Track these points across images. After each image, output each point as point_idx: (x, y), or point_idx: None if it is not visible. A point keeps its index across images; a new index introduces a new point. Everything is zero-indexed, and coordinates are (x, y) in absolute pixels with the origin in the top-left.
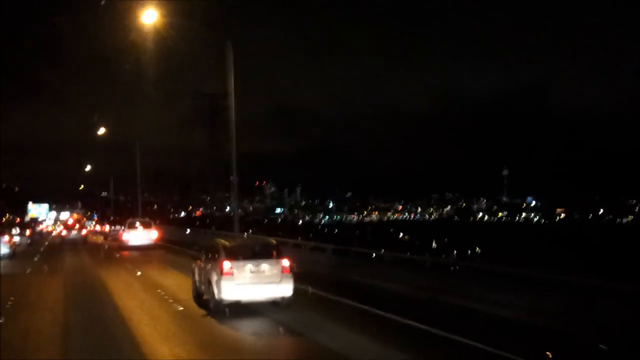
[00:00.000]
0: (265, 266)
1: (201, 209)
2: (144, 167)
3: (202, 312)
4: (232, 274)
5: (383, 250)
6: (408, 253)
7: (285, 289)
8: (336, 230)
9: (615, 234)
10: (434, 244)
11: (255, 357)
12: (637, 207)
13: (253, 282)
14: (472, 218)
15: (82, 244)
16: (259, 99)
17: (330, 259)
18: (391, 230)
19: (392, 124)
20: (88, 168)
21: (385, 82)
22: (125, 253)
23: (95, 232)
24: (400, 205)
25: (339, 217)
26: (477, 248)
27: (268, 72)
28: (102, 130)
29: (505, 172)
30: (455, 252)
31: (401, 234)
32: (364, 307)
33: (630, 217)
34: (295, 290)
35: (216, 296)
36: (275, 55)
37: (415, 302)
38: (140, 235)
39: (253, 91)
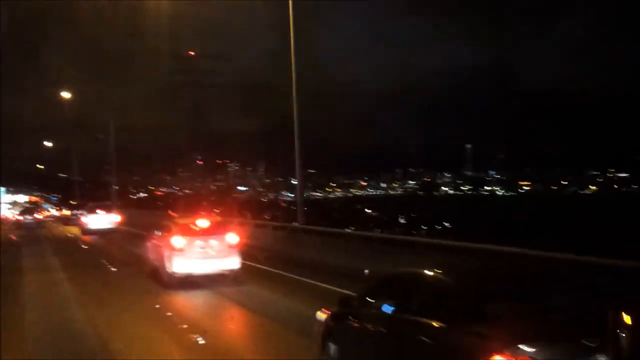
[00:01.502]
0: (213, 242)
1: (165, 189)
2: (109, 147)
3: (157, 285)
4: (183, 249)
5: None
6: (378, 230)
7: (232, 263)
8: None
9: (574, 205)
10: (402, 220)
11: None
12: (599, 178)
13: (202, 256)
14: (436, 192)
15: (38, 229)
16: (222, 75)
17: (277, 235)
18: (358, 207)
19: (355, 100)
20: (49, 146)
21: (351, 58)
22: (86, 237)
23: (53, 217)
24: (364, 181)
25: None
26: (446, 223)
27: (229, 48)
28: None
29: (468, 146)
30: (424, 227)
31: (369, 210)
32: (293, 276)
33: (594, 188)
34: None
35: (169, 270)
36: (237, 28)
37: (340, 270)
38: (101, 220)
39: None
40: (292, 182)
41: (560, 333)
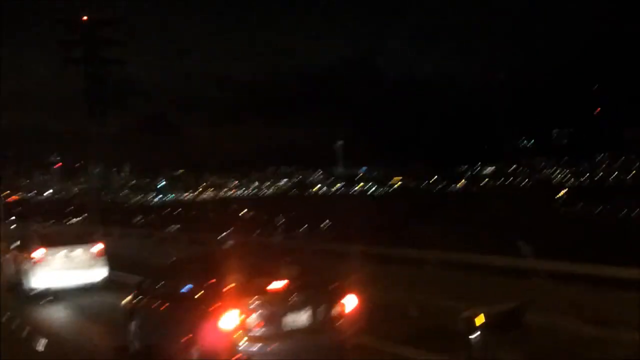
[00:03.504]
0: (78, 252)
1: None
2: None
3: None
4: (44, 260)
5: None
6: (258, 231)
7: (99, 273)
8: (169, 210)
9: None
10: (282, 219)
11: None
12: (468, 173)
13: (66, 268)
14: (309, 190)
15: None
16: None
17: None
18: (234, 207)
19: (224, 94)
20: None
21: (216, 48)
22: None
23: None
24: (235, 180)
25: (172, 195)
26: (327, 220)
27: None
28: None
29: (339, 143)
30: (306, 225)
31: (245, 210)
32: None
33: (463, 182)
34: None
35: (29, 284)
36: None
37: None
38: None
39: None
40: (162, 183)
41: (276, 293)
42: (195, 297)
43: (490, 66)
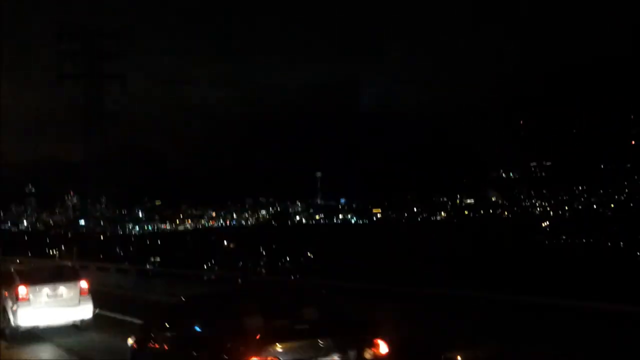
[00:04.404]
0: (62, 289)
1: None
2: None
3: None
4: (28, 299)
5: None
6: (240, 262)
7: (84, 311)
8: (149, 242)
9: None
10: (262, 251)
11: None
12: (448, 205)
13: (50, 306)
14: (289, 222)
15: None
16: (49, 95)
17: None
18: (213, 238)
19: (200, 126)
20: None
21: (190, 77)
22: None
23: None
24: (213, 211)
25: (150, 227)
26: (309, 253)
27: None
28: None
29: (318, 175)
30: (288, 257)
31: (225, 242)
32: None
33: (444, 214)
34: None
35: (12, 323)
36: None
37: None
38: None
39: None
40: (139, 214)
41: (301, 338)
42: (213, 343)
43: (468, 97)
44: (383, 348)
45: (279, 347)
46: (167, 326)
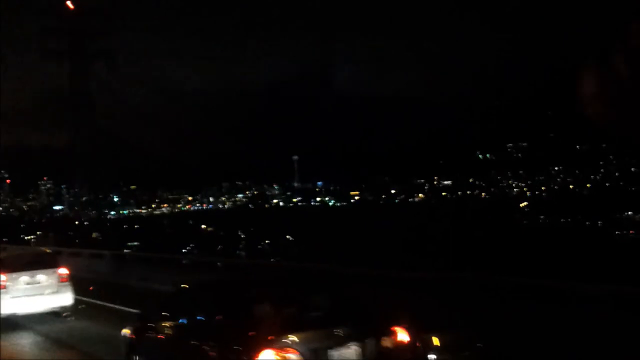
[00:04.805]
0: (41, 276)
1: None
2: None
3: None
4: (5, 287)
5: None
6: (219, 246)
7: (64, 298)
8: (126, 226)
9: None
10: (241, 234)
11: None
12: (426, 186)
13: (29, 293)
14: (267, 205)
15: None
16: (28, 84)
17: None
18: (190, 222)
19: (176, 109)
20: None
21: (166, 62)
22: None
23: None
24: (189, 196)
25: (126, 211)
26: (288, 236)
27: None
28: None
29: (295, 158)
30: (267, 241)
31: (203, 226)
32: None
33: (422, 196)
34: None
35: None
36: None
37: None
38: None
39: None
40: (115, 199)
41: (316, 327)
42: (219, 333)
43: (446, 82)
44: (403, 336)
45: (294, 337)
46: (168, 315)
